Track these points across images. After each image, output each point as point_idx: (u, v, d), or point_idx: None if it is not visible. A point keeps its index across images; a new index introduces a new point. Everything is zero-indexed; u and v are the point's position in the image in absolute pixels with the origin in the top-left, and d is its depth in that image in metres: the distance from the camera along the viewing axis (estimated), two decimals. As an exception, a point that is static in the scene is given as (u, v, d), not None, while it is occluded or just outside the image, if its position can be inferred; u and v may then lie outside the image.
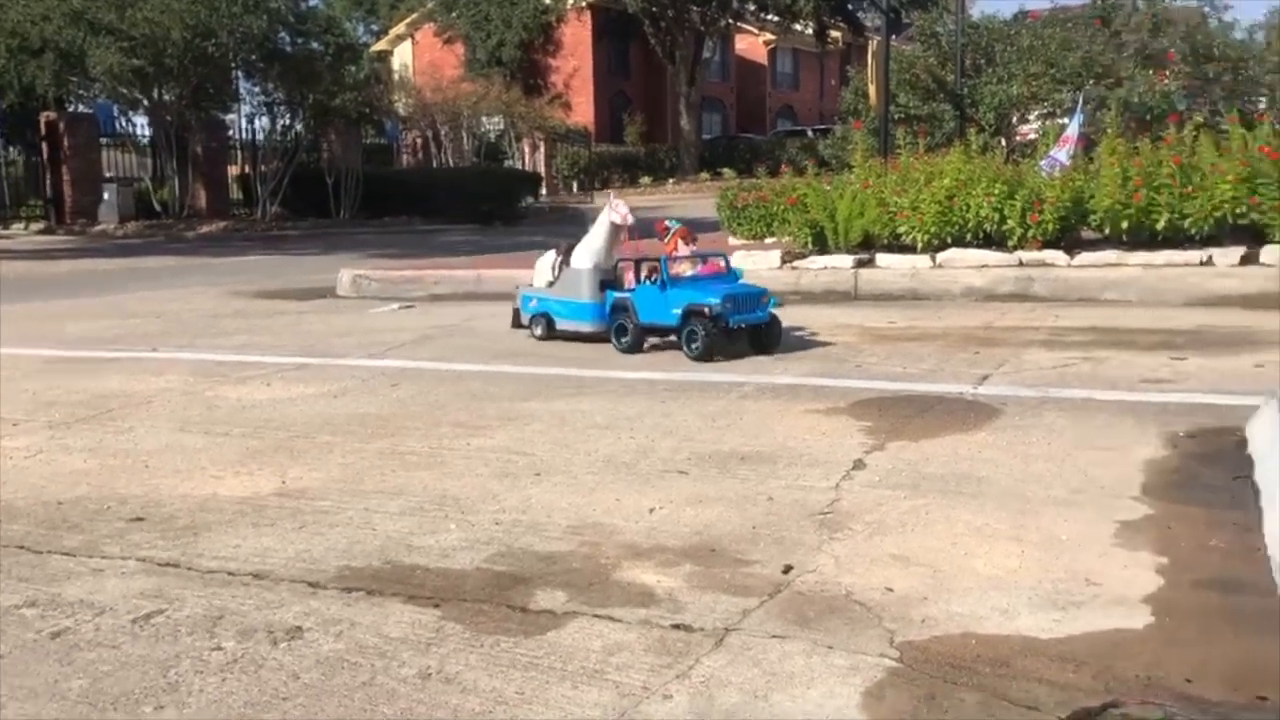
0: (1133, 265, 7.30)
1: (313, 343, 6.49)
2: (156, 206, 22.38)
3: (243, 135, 25.01)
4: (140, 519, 3.05)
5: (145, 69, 20.10)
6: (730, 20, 40.65)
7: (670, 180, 37.75)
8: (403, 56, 41.72)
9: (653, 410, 4.25)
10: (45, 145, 22.51)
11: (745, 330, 5.40)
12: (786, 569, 2.51)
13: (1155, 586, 2.35)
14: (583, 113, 40.74)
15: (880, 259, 8.54)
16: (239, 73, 23.54)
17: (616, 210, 5.90)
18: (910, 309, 7.14)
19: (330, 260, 12.56)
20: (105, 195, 21.92)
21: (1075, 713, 1.83)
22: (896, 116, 12.92)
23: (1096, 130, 9.06)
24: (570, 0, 37.36)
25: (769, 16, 40.85)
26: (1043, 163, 8.12)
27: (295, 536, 2.86)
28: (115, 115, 23.55)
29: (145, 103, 22.38)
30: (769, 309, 5.51)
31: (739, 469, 3.37)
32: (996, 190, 7.85)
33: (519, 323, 6.39)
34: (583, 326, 5.96)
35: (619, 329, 5.68)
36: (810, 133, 39.54)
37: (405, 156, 29.37)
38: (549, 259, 6.34)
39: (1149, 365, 4.81)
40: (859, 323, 6.49)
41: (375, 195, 22.47)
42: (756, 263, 8.63)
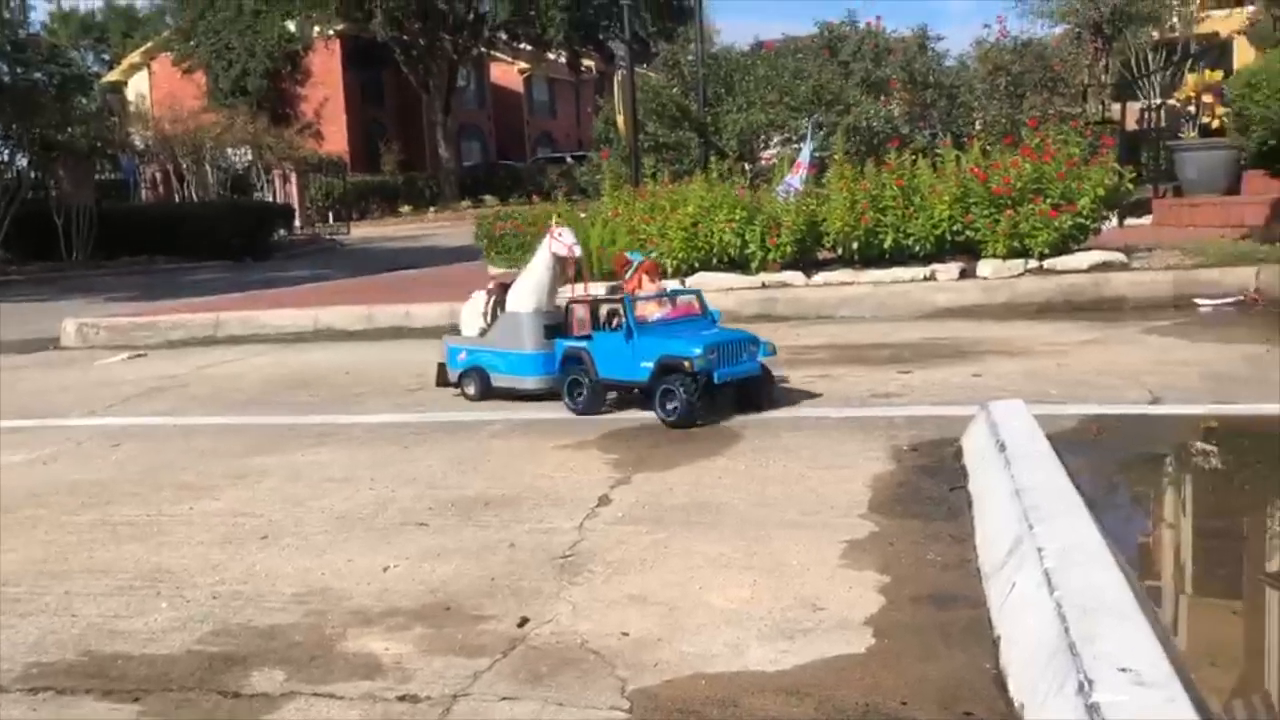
0: (864, 283, 7.71)
1: (27, 402, 5.96)
2: None
3: (-46, 174, 22.87)
4: None
5: None
6: (484, 49, 40.61)
7: (431, 209, 37.28)
8: (139, 87, 39.46)
9: (396, 457, 4.11)
10: None
11: (732, 386, 4.43)
12: (522, 621, 2.44)
13: (877, 607, 2.43)
14: (336, 142, 39.65)
15: (633, 285, 8.64)
16: (-50, 106, 21.56)
17: (560, 241, 4.95)
18: (662, 334, 7.25)
19: (59, 307, 11.61)
20: None
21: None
22: (646, 145, 13.19)
23: (828, 155, 9.53)
24: (317, 29, 36.29)
25: (523, 45, 41.09)
26: (779, 188, 8.46)
27: (-21, 633, 2.56)
28: None
29: None
30: (759, 359, 4.52)
31: (482, 515, 3.28)
32: (737, 216, 8.12)
33: (445, 380, 5.26)
34: (525, 382, 4.96)
35: (572, 385, 4.67)
36: (569, 159, 39.97)
37: (145, 192, 27.68)
38: (478, 301, 5.29)
39: (879, 380, 5.05)
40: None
41: (112, 234, 21.01)
42: (511, 294, 8.55)
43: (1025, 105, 11.78)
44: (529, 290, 5.01)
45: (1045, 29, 16.52)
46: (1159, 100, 14.75)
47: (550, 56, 40.62)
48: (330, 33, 36.98)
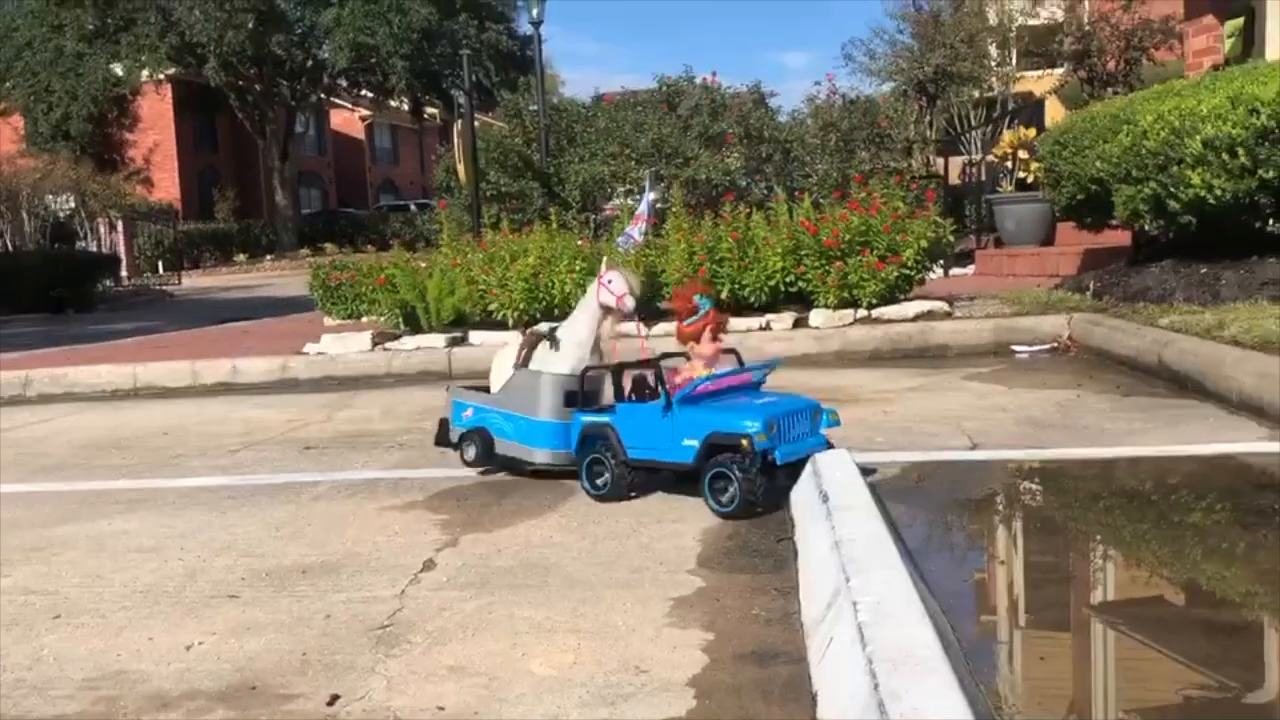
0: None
1: None
2: None
3: None
4: None
5: None
6: (323, 95, 39.97)
7: (268, 257, 36.31)
8: (-53, 129, 37.22)
9: (211, 524, 3.90)
10: None
11: (795, 467, 3.61)
12: (332, 699, 2.32)
13: (700, 667, 2.40)
14: (167, 189, 38.34)
15: (474, 336, 8.58)
16: None
17: (609, 289, 4.04)
18: (501, 387, 7.16)
19: None
20: None
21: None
22: (488, 193, 13.16)
23: (668, 207, 9.67)
24: (146, 72, 35.06)
25: (364, 93, 40.63)
26: (619, 240, 8.53)
27: None
28: None
29: None
30: (823, 430, 3.78)
31: (298, 585, 3.13)
32: (578, 267, 8.14)
33: (445, 439, 4.52)
34: (536, 455, 4.15)
35: (593, 465, 3.87)
36: (413, 207, 39.63)
37: (-45, 242, 26.08)
38: (509, 353, 4.40)
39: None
40: (448, 405, 6.40)
41: (-83, 287, 19.73)
42: (347, 345, 8.38)
43: (855, 161, 12.25)
44: (566, 348, 4.15)
45: (873, 86, 17.30)
46: (980, 155, 15.61)
47: (392, 104, 40.26)
48: (160, 77, 35.76)
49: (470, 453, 4.36)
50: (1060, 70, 18.44)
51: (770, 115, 13.39)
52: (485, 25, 36.64)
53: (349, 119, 47.70)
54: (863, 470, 3.54)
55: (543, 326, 4.49)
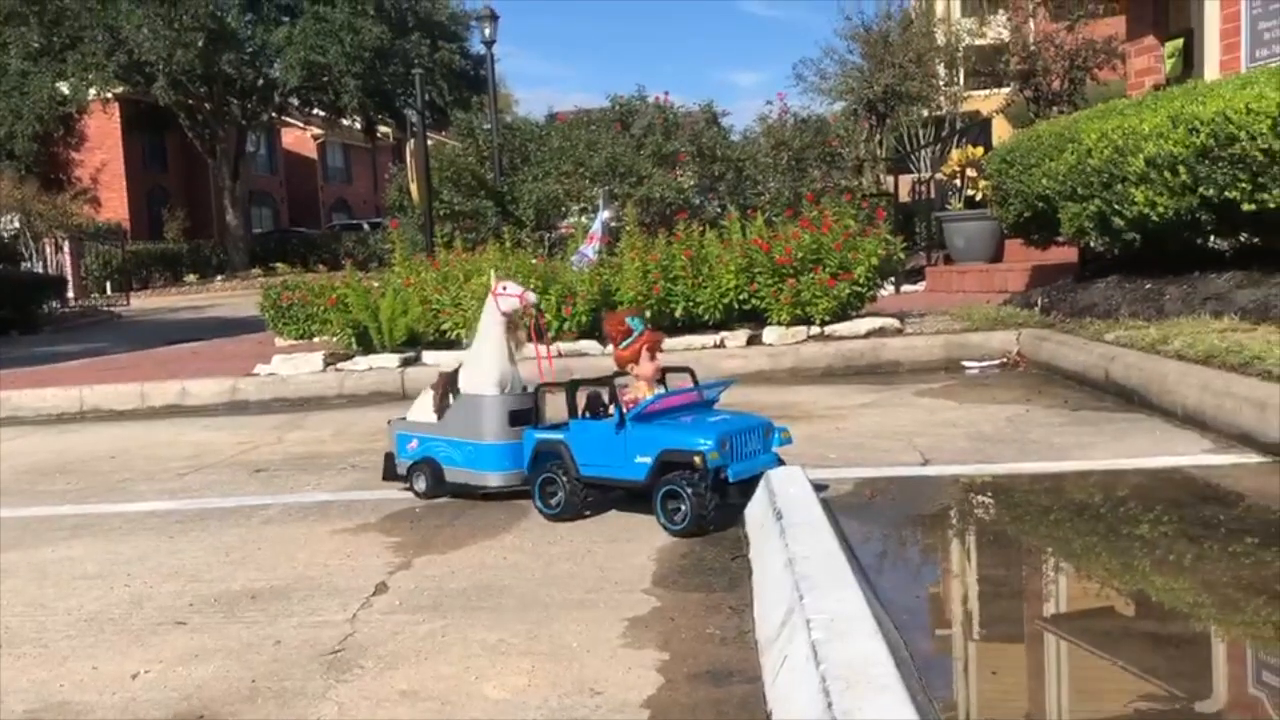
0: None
1: None
2: None
3: None
4: None
5: None
6: (274, 114, 39.65)
7: (219, 277, 35.90)
8: (-114, 148, 36.44)
9: (159, 549, 3.83)
10: None
11: (748, 485, 3.63)
12: (282, 727, 2.29)
13: (655, 687, 2.39)
14: (115, 209, 37.81)
15: (427, 356, 8.53)
16: None
17: (507, 295, 4.14)
18: (455, 407, 7.12)
19: None
20: None
21: None
22: (442, 212, 13.12)
23: (621, 225, 9.70)
24: (93, 91, 34.58)
25: (316, 111, 40.38)
26: (573, 258, 8.53)
27: None
28: None
29: None
30: (775, 448, 3.81)
31: (248, 610, 3.08)
32: (532, 285, 8.12)
33: (393, 472, 4.45)
34: (488, 479, 4.13)
35: (546, 484, 3.87)
36: (366, 226, 39.38)
37: (-108, 263, 25.50)
38: (426, 400, 4.40)
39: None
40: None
41: None
42: (298, 366, 8.29)
43: (807, 179, 12.36)
44: (487, 366, 4.16)
45: (824, 106, 17.48)
46: (929, 173, 15.80)
47: (345, 123, 40.02)
48: (108, 95, 35.29)
49: (421, 484, 4.31)
50: (1007, 89, 18.76)
51: (723, 134, 13.49)
52: (438, 44, 36.58)
53: (301, 138, 47.36)
54: (816, 486, 3.55)
55: (447, 367, 4.53)
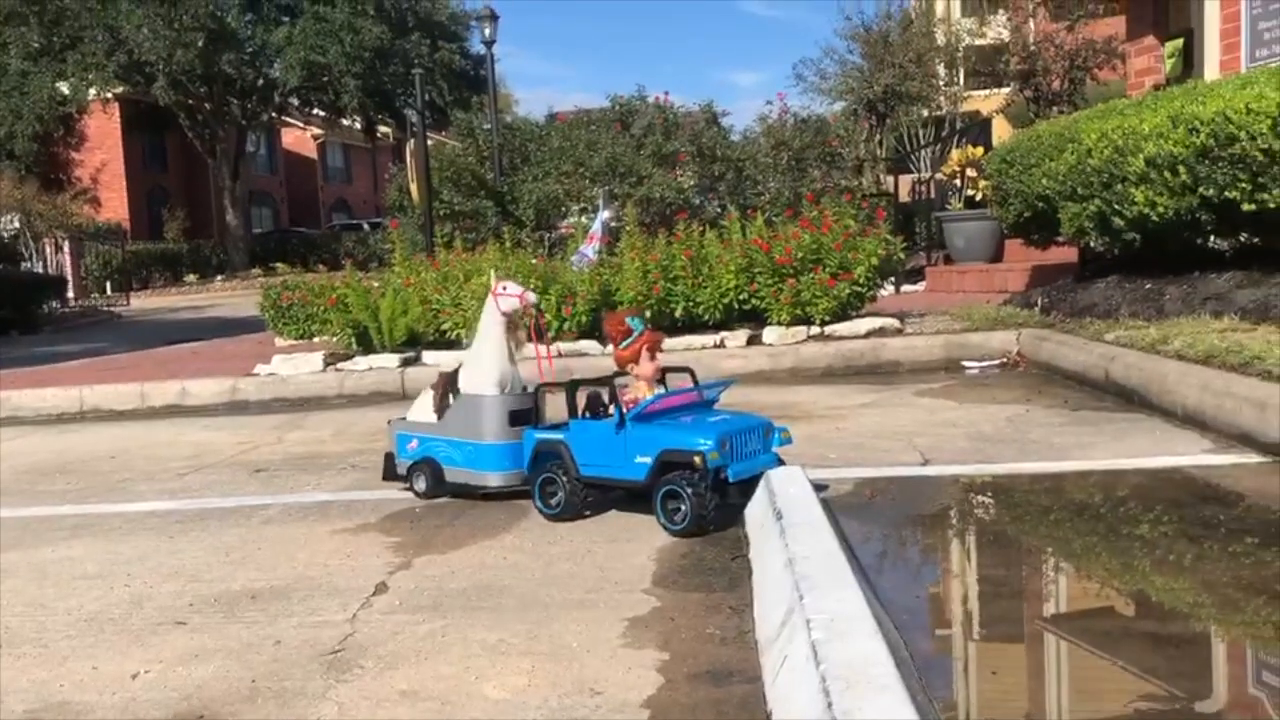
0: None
1: None
2: None
3: None
4: None
5: None
6: (274, 114, 39.64)
7: (219, 277, 35.91)
8: (-113, 148, 36.47)
9: (159, 549, 3.83)
10: None
11: (748, 485, 3.63)
12: (282, 727, 2.29)
13: (655, 687, 2.39)
14: (115, 209, 37.81)
15: (427, 356, 8.53)
16: None
17: (506, 295, 4.15)
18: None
19: None
20: None
21: None
22: (442, 212, 13.12)
23: (621, 225, 9.70)
24: (94, 91, 34.57)
25: (316, 112, 40.37)
26: (573, 258, 8.53)
27: None
28: None
29: None
30: (774, 448, 3.81)
31: (248, 610, 3.08)
32: (532, 285, 8.12)
33: (393, 473, 4.47)
34: (488, 479, 4.13)
35: (546, 484, 3.87)
36: (366, 226, 39.38)
37: (-108, 263, 25.53)
38: (426, 400, 4.42)
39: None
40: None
41: None
42: (298, 366, 8.30)
43: (807, 179, 12.36)
44: (487, 366, 4.18)
45: (824, 106, 17.47)
46: (929, 173, 15.79)
47: (345, 123, 40.02)
48: (108, 95, 35.28)
49: (421, 484, 4.32)
50: (1007, 89, 18.76)
51: (723, 134, 13.49)
52: (438, 44, 36.57)
53: (301, 138, 47.34)
54: (816, 486, 3.55)
55: (448, 367, 4.55)
